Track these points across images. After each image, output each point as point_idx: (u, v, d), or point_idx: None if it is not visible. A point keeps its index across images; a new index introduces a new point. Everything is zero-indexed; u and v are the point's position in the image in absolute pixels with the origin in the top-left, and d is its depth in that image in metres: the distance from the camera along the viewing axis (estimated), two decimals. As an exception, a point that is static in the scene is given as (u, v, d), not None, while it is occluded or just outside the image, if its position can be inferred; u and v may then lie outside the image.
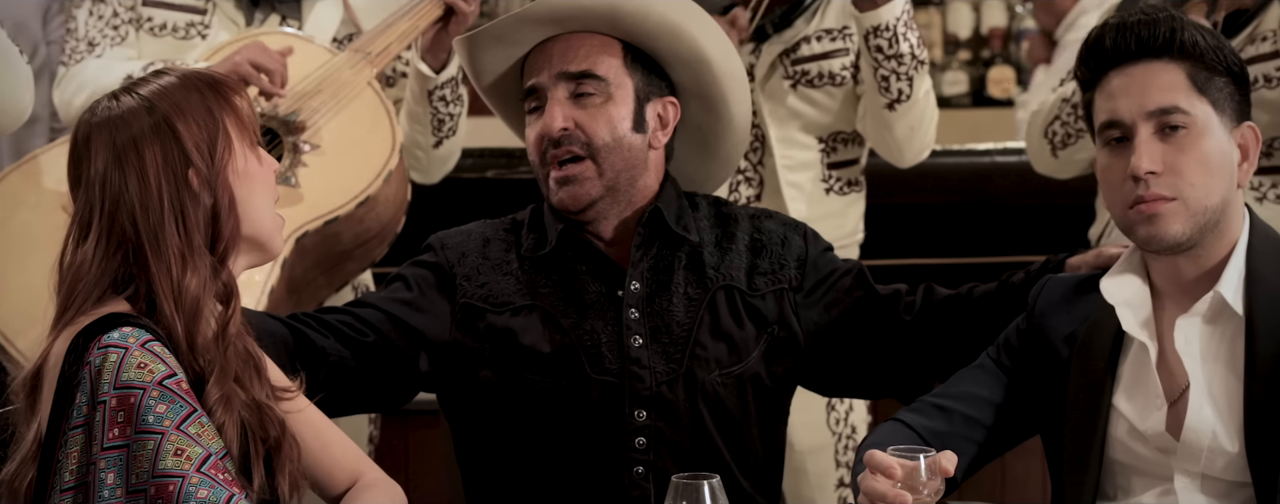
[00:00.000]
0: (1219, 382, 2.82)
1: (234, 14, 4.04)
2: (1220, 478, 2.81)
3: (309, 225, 3.65)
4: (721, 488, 2.57)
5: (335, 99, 3.79)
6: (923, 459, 2.67)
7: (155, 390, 2.46)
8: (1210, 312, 2.84)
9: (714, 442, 3.22)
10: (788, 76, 4.14)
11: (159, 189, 2.55)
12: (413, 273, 3.30)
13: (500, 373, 3.21)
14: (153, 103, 2.59)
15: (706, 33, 3.27)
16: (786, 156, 4.17)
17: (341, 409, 3.19)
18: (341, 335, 3.18)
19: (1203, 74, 2.84)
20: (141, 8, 4.02)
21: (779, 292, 3.29)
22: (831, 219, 4.20)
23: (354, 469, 2.87)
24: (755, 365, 3.25)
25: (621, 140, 3.22)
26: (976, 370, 3.08)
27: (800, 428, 4.16)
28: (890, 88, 3.99)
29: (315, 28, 4.03)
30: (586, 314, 3.21)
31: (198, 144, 2.58)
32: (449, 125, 4.07)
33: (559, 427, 3.20)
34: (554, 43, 3.25)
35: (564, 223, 3.25)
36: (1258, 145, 2.89)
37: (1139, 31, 2.86)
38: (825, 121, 4.18)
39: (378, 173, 3.73)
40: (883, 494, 2.65)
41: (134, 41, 4.00)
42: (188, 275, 2.56)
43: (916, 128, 4.09)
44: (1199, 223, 2.81)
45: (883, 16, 3.93)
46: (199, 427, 2.48)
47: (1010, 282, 3.28)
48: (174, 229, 2.56)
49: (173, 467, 2.44)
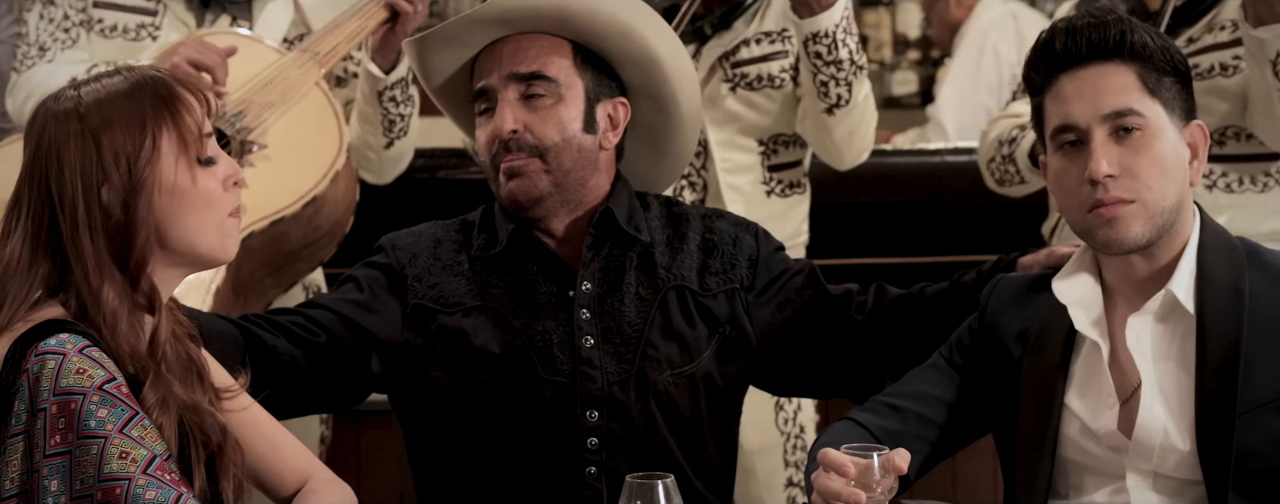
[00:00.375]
0: (1170, 380, 2.82)
1: (184, 15, 4.02)
2: (1172, 476, 2.81)
3: (255, 226, 3.63)
4: (675, 487, 2.56)
5: (283, 99, 3.78)
6: (876, 457, 2.66)
7: (96, 395, 2.44)
8: (1162, 310, 2.84)
9: (666, 442, 3.21)
10: (727, 79, 4.13)
11: (74, 196, 2.52)
12: (364, 274, 3.28)
13: (451, 374, 3.19)
14: (86, 111, 2.54)
15: (656, 32, 3.26)
16: (726, 160, 4.16)
17: (293, 410, 3.18)
18: (293, 336, 3.16)
19: (1153, 75, 2.84)
20: (92, 9, 4.00)
21: (731, 291, 3.28)
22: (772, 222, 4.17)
23: (303, 470, 2.85)
24: (707, 365, 3.24)
25: (571, 141, 3.20)
26: (929, 369, 3.08)
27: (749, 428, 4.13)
28: (830, 93, 3.98)
29: (266, 28, 4.02)
30: (538, 314, 3.20)
31: (118, 158, 2.53)
32: (400, 126, 4.05)
33: (511, 428, 3.19)
34: (504, 44, 3.23)
35: (515, 222, 3.23)
36: (1206, 143, 2.90)
37: (1089, 34, 2.85)
38: (765, 124, 4.17)
39: (325, 173, 3.72)
40: (837, 493, 2.65)
41: (85, 44, 3.98)
42: (103, 286, 2.52)
43: (855, 131, 4.08)
44: (1157, 224, 2.81)
45: (822, 23, 3.92)
46: (142, 429, 2.46)
47: (962, 281, 3.28)
48: (87, 240, 2.52)
49: (118, 470, 2.42)
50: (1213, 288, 2.82)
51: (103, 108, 2.55)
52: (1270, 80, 3.64)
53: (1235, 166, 3.91)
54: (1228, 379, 2.76)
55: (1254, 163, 3.92)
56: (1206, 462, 2.76)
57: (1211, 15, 3.90)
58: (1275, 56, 3.61)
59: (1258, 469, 2.74)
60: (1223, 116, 3.87)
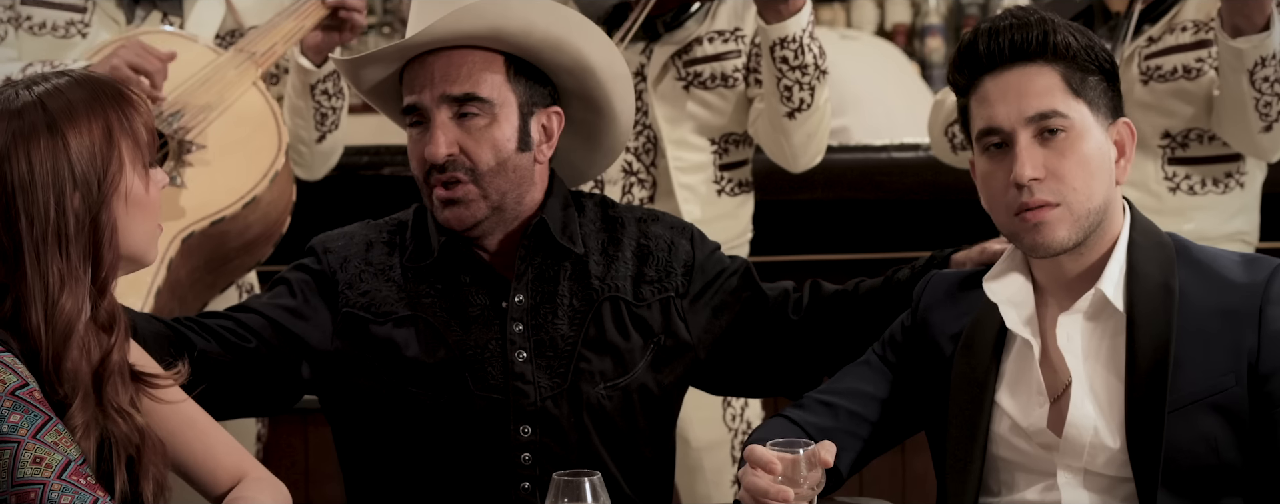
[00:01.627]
0: (1100, 378, 2.83)
1: (114, 12, 3.99)
2: (1102, 473, 2.82)
3: (195, 226, 3.62)
4: (602, 484, 2.57)
5: (220, 99, 3.76)
6: (801, 452, 2.67)
7: (8, 400, 2.43)
8: (1092, 308, 2.84)
9: (600, 455, 3.20)
10: (680, 78, 4.12)
11: (45, 204, 2.49)
12: (296, 278, 3.25)
13: (382, 384, 3.18)
14: (50, 111, 2.52)
15: (589, 42, 3.22)
16: (679, 159, 4.16)
17: (224, 413, 3.15)
18: (223, 341, 3.14)
19: (1077, 75, 2.83)
20: (20, 6, 3.97)
21: (665, 300, 3.26)
22: (723, 220, 4.20)
23: (237, 468, 2.84)
24: (641, 376, 3.23)
25: (506, 162, 3.16)
26: (862, 367, 3.08)
27: (696, 424, 4.16)
28: (793, 97, 3.98)
29: (197, 25, 3.99)
30: (470, 327, 3.18)
31: (88, 167, 2.52)
32: (331, 119, 4.03)
33: (442, 440, 3.17)
34: (434, 57, 3.16)
35: (447, 235, 3.20)
36: (1133, 141, 2.89)
37: (1011, 35, 2.84)
38: (718, 123, 4.17)
39: (264, 173, 3.71)
40: (764, 490, 2.66)
41: (13, 41, 3.95)
42: (64, 296, 2.50)
43: (813, 135, 4.08)
44: (1084, 226, 2.81)
45: (790, 28, 3.92)
46: (56, 435, 2.46)
47: (896, 277, 3.28)
48: (56, 247, 2.50)
49: (32, 474, 2.41)
50: (1142, 285, 2.83)
51: (68, 113, 2.53)
52: (1246, 88, 3.69)
53: (1199, 169, 3.93)
54: (1157, 377, 2.76)
55: (1217, 164, 3.95)
56: (1136, 459, 2.77)
57: (1171, 14, 3.92)
58: (1253, 66, 3.66)
59: (1187, 466, 2.75)
60: (1187, 119, 3.90)
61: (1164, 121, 3.93)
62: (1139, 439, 2.77)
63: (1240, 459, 2.77)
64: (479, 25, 3.11)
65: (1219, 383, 2.76)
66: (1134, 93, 3.87)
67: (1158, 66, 3.88)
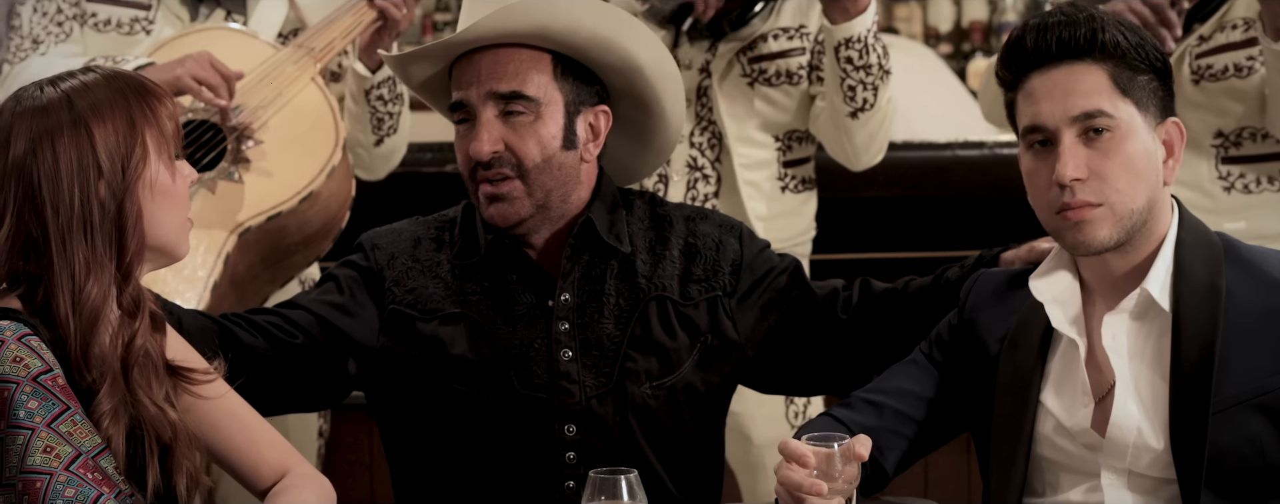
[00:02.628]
0: (1145, 378, 2.81)
1: (179, 9, 4.03)
2: (1146, 474, 2.79)
3: (252, 221, 3.65)
4: (639, 482, 2.57)
5: (279, 95, 3.79)
6: (836, 446, 2.66)
7: (28, 386, 2.47)
8: (1137, 308, 2.82)
9: (645, 454, 3.20)
10: (745, 74, 4.13)
11: (70, 193, 2.54)
12: (343, 274, 3.27)
13: (427, 381, 3.19)
14: (75, 105, 2.57)
15: (637, 41, 3.21)
16: (744, 155, 4.17)
17: (270, 408, 3.17)
18: (270, 336, 3.16)
19: (1125, 74, 2.80)
20: (86, 3, 4.01)
21: (712, 299, 3.25)
22: (787, 217, 4.21)
23: (281, 464, 2.86)
24: (688, 376, 3.23)
25: (552, 159, 3.16)
26: (908, 366, 3.07)
27: (759, 421, 4.17)
28: (856, 97, 3.99)
29: (260, 23, 4.03)
30: (516, 326, 3.18)
31: (112, 155, 2.57)
32: (389, 124, 4.06)
33: (487, 438, 3.18)
34: (482, 55, 3.17)
35: (494, 232, 3.21)
36: (1182, 141, 2.86)
37: (1059, 33, 2.81)
38: (782, 120, 4.18)
39: (321, 168, 3.73)
40: (798, 483, 2.64)
41: (79, 38, 4.00)
42: (89, 283, 2.54)
43: (876, 135, 4.10)
44: (1126, 226, 2.78)
45: (855, 29, 3.93)
46: (71, 425, 2.49)
47: (945, 276, 3.27)
48: (82, 235, 2.54)
49: (41, 464, 2.46)
50: (1189, 285, 2.80)
51: (92, 105, 2.58)
52: None
53: (1253, 167, 3.90)
54: (1201, 377, 2.74)
55: (1271, 162, 3.91)
56: (1180, 460, 2.75)
57: (1222, 12, 3.88)
58: None
59: (1231, 468, 2.73)
60: (1239, 117, 3.86)
61: (1216, 121, 3.89)
62: (1183, 440, 2.74)
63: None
64: (525, 23, 3.11)
65: (1265, 383, 2.73)
66: (1185, 92, 3.84)
67: (1208, 65, 3.84)
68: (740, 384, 3.37)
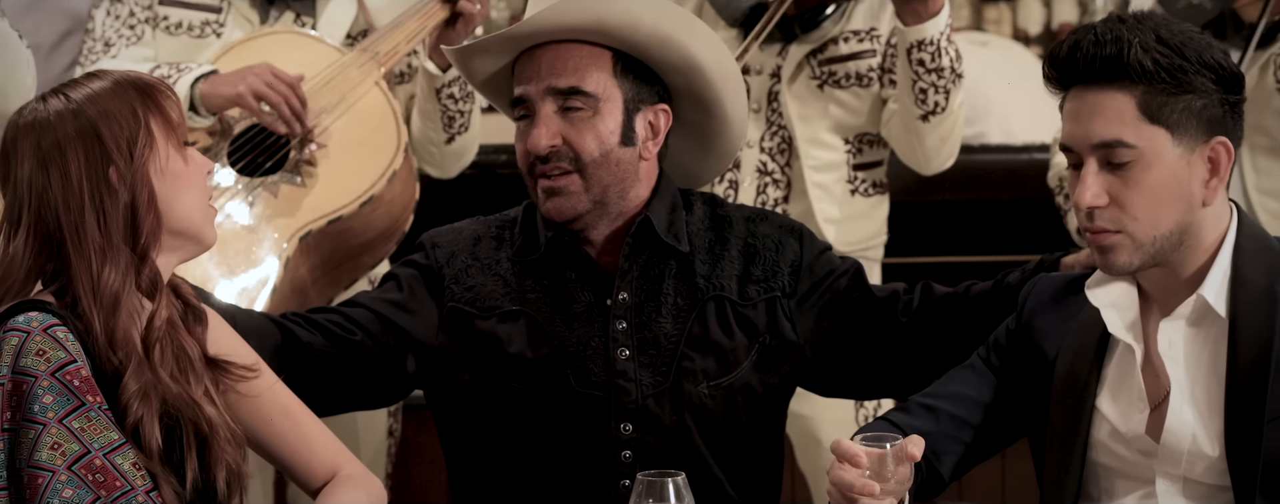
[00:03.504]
0: (1201, 385, 2.77)
1: (248, 12, 4.04)
2: (1201, 481, 2.76)
3: (312, 224, 3.67)
4: (686, 485, 2.56)
5: (342, 99, 3.80)
6: (889, 446, 2.63)
7: (46, 380, 2.50)
8: (1193, 314, 2.78)
9: (701, 453, 3.19)
10: (815, 77, 4.12)
11: (80, 187, 2.59)
12: (403, 272, 3.29)
13: (485, 378, 3.20)
14: (80, 107, 2.63)
15: (697, 39, 3.20)
16: (813, 157, 4.15)
17: (330, 407, 3.20)
18: (329, 334, 3.18)
19: (1157, 99, 2.71)
20: (158, 6, 4.03)
21: (771, 300, 3.23)
22: (857, 221, 4.19)
23: (332, 462, 2.88)
24: (746, 376, 3.21)
25: (609, 154, 3.17)
26: (966, 370, 3.04)
27: (830, 425, 4.15)
28: (928, 100, 3.97)
29: (328, 25, 4.04)
30: (573, 324, 3.18)
31: (118, 143, 2.62)
32: (460, 122, 4.06)
33: (543, 437, 3.18)
34: (542, 51, 3.18)
35: (553, 230, 3.21)
36: (1229, 160, 2.76)
37: (1087, 53, 2.73)
38: (853, 123, 4.16)
39: (382, 173, 3.74)
40: (850, 484, 2.62)
41: (150, 40, 4.02)
42: (107, 269, 2.58)
43: (947, 139, 4.08)
44: (1149, 252, 2.74)
45: (928, 31, 3.91)
46: (84, 421, 2.51)
47: (1006, 280, 3.24)
48: (94, 224, 2.59)
49: (46, 460, 2.49)
50: (1247, 291, 2.76)
51: (94, 103, 2.63)
52: None
53: None
54: (1257, 384, 2.70)
55: None
56: (1235, 468, 2.71)
57: None
58: None
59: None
60: None
61: None
62: (1238, 448, 2.70)
63: None
64: (583, 18, 3.12)
65: None
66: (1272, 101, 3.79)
67: None
68: (799, 387, 3.34)
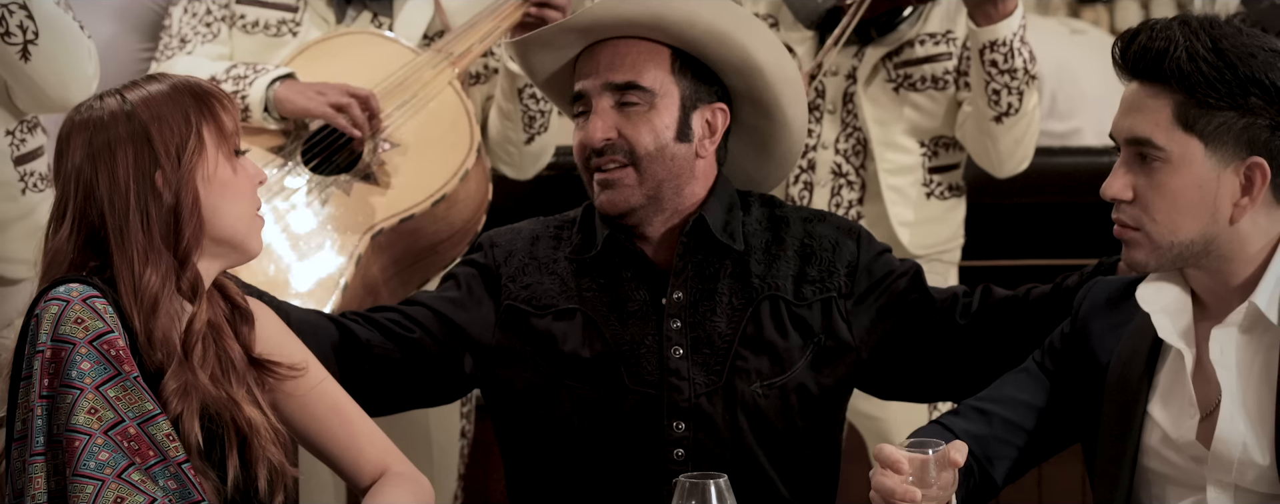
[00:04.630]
0: (1254, 393, 2.74)
1: (325, 12, 4.07)
2: (1253, 490, 2.73)
3: (384, 223, 3.70)
4: (728, 487, 2.56)
5: (416, 98, 3.83)
6: (932, 453, 2.63)
7: (84, 347, 2.55)
8: (1246, 321, 2.76)
9: (754, 453, 3.20)
10: (891, 79, 4.12)
11: (127, 187, 2.64)
12: (462, 272, 3.32)
13: (540, 376, 3.22)
14: (134, 109, 2.68)
15: (756, 40, 3.22)
16: (888, 160, 4.15)
17: (388, 406, 3.24)
18: (387, 332, 3.21)
19: (1195, 109, 2.68)
20: (235, 5, 4.07)
21: (827, 300, 3.24)
22: (931, 224, 4.18)
23: (381, 460, 2.92)
24: (800, 376, 3.21)
25: (665, 149, 3.20)
26: (1020, 374, 3.03)
27: (902, 426, 4.14)
28: (1001, 101, 3.96)
29: (405, 25, 4.06)
30: (628, 322, 3.21)
31: (167, 148, 2.66)
32: (540, 122, 4.08)
33: (597, 435, 3.20)
34: (602, 48, 3.23)
35: (610, 228, 3.24)
36: (1264, 184, 2.71)
37: (1140, 47, 2.73)
38: (929, 125, 4.15)
39: (455, 172, 3.77)
40: (892, 490, 2.63)
41: (226, 39, 4.06)
42: (148, 271, 2.63)
43: (1021, 141, 4.07)
44: (1168, 256, 2.74)
45: (1000, 32, 3.91)
46: (120, 390, 2.56)
47: (1065, 284, 3.23)
48: (138, 225, 2.64)
49: (83, 424, 2.53)
50: None
51: (148, 106, 2.68)
52: None
53: None
54: (1309, 393, 2.68)
55: None
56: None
57: None
58: None
59: None
60: None
61: None
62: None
63: None
64: (640, 11, 3.15)
65: None
66: None
67: None
68: (857, 388, 3.35)
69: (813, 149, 4.17)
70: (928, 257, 4.17)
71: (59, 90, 3.52)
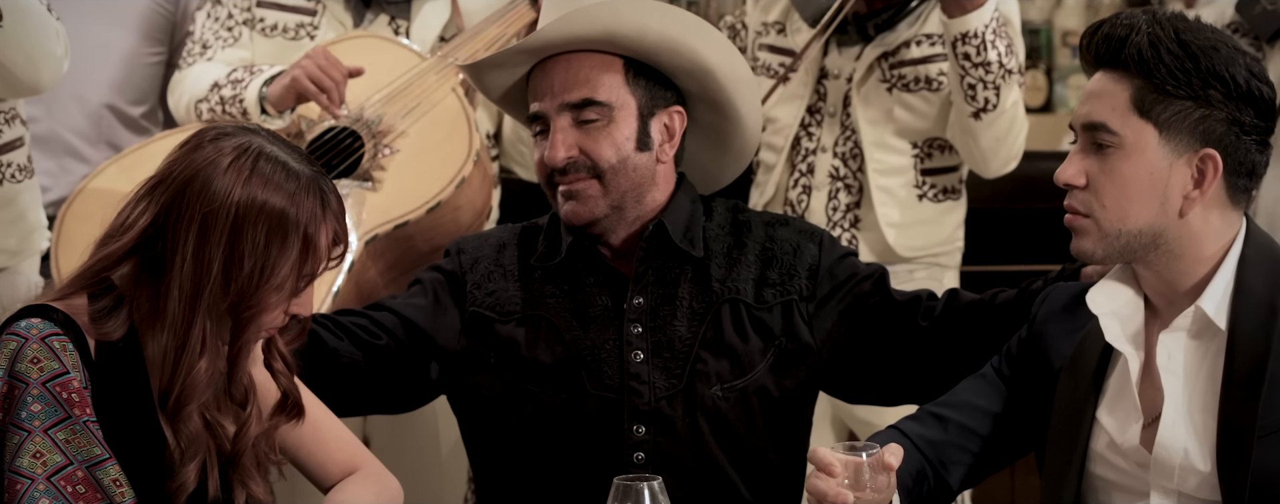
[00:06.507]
0: (1199, 399, 2.73)
1: (342, 15, 4.10)
2: (1194, 496, 2.72)
3: (378, 229, 3.73)
4: (663, 489, 2.57)
5: (418, 104, 3.86)
6: (866, 456, 2.63)
7: (37, 388, 2.53)
8: (1194, 326, 2.74)
9: (714, 456, 3.21)
10: (885, 80, 4.11)
11: (198, 264, 2.60)
12: (429, 277, 3.35)
13: (503, 382, 3.25)
14: (324, 197, 2.68)
15: (707, 43, 3.24)
16: (878, 160, 4.14)
17: (352, 410, 3.27)
18: (355, 338, 3.24)
19: (1152, 95, 2.69)
20: (256, 9, 4.10)
21: (787, 303, 3.25)
22: (922, 226, 4.16)
23: (349, 462, 2.93)
24: (761, 378, 3.22)
25: (627, 160, 3.21)
26: (978, 379, 3.03)
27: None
28: (976, 96, 3.93)
29: (422, 28, 4.09)
30: (589, 327, 3.23)
31: (249, 272, 2.62)
32: None
33: (559, 438, 3.22)
34: (554, 65, 3.23)
35: (574, 235, 3.26)
36: (1216, 176, 2.71)
37: (1099, 38, 2.74)
38: (921, 127, 4.14)
39: (450, 179, 3.79)
40: (824, 492, 2.63)
41: (247, 42, 4.09)
42: (202, 362, 2.63)
43: (1003, 139, 4.03)
44: (1115, 246, 2.73)
45: (971, 23, 3.89)
46: (70, 433, 2.54)
47: (1030, 289, 3.21)
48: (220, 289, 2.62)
49: (26, 467, 2.51)
50: (1248, 303, 2.71)
51: (267, 194, 2.63)
52: None
53: None
54: (1250, 398, 2.65)
55: None
56: (1226, 484, 2.66)
57: None
58: None
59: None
60: None
61: None
62: (1229, 463, 2.66)
63: None
64: (592, 28, 3.17)
65: None
66: None
67: None
68: (822, 391, 3.35)
69: (812, 153, 4.17)
70: (920, 259, 4.16)
71: (29, 72, 3.56)
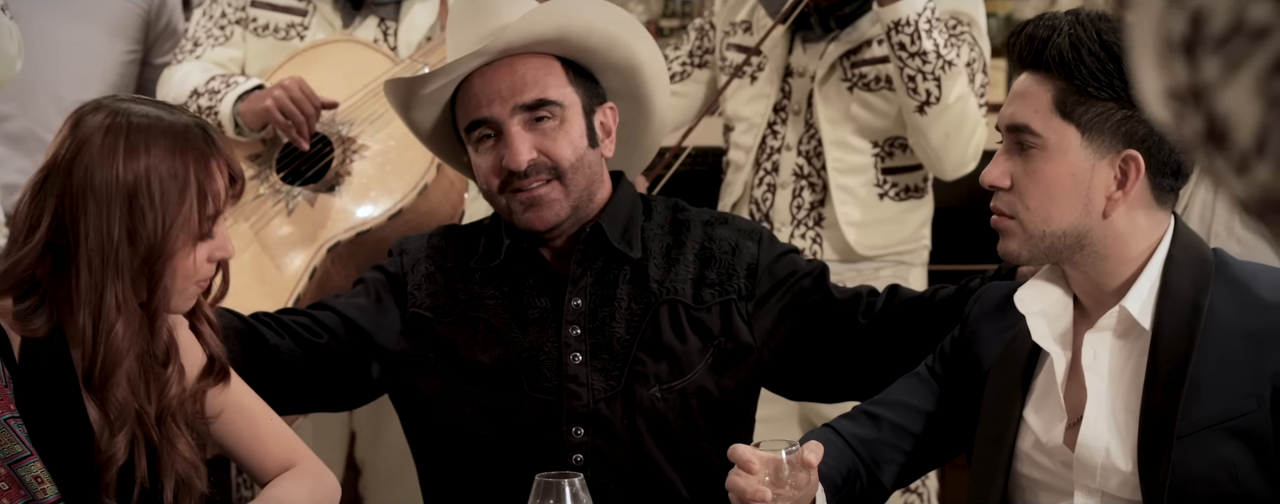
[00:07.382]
0: (1123, 399, 2.72)
1: (331, 16, 4.12)
2: (1117, 496, 2.71)
3: (341, 235, 3.75)
4: (584, 486, 2.58)
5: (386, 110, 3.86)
6: (785, 454, 2.64)
7: None
8: (1119, 326, 2.74)
9: (652, 456, 3.22)
10: (846, 79, 4.11)
11: (102, 240, 2.59)
12: (371, 277, 3.36)
13: (443, 383, 3.26)
14: (129, 148, 2.62)
15: (639, 39, 3.28)
16: (837, 159, 4.14)
17: (294, 407, 3.30)
18: (297, 336, 3.26)
19: (1074, 97, 2.67)
20: (250, 8, 4.13)
21: (726, 303, 3.25)
22: (883, 225, 4.15)
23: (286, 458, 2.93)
24: (701, 378, 3.23)
25: (583, 158, 3.22)
26: (912, 378, 3.03)
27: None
28: (918, 89, 3.93)
29: (410, 30, 4.10)
30: (528, 329, 3.24)
31: (151, 229, 2.61)
32: None
33: (499, 440, 3.23)
34: (495, 70, 3.21)
35: (513, 237, 3.27)
36: (1138, 177, 2.69)
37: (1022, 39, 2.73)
38: (881, 126, 4.14)
39: (413, 186, 3.80)
40: (743, 489, 2.64)
41: (239, 41, 4.12)
42: (119, 322, 2.62)
43: (953, 135, 4.01)
44: (1040, 247, 2.72)
45: (902, 11, 3.88)
46: None
47: (969, 286, 3.20)
48: (112, 279, 2.61)
49: None
50: (1172, 303, 2.70)
51: (148, 160, 2.62)
52: None
53: None
54: (1170, 399, 2.65)
55: None
56: (1146, 484, 2.66)
57: None
58: None
59: (1201, 493, 2.62)
60: None
61: None
62: (1149, 463, 2.65)
63: (1266, 487, 2.63)
64: (550, 26, 3.18)
65: (1238, 406, 2.62)
66: None
67: None
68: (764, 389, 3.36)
69: (777, 151, 4.18)
70: (884, 257, 4.16)
71: None
